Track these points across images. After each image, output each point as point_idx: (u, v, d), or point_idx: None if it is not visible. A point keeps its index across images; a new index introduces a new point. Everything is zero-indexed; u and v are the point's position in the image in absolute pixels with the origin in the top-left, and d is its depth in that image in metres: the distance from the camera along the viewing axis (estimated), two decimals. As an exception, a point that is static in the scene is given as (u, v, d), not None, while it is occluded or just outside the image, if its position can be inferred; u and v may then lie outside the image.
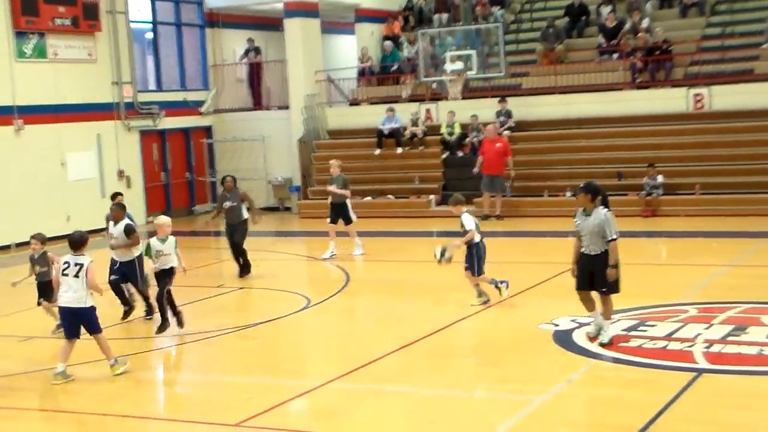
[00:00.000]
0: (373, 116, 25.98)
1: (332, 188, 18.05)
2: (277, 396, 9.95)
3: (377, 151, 25.44)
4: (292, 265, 19.06)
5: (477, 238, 13.05)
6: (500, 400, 9.68)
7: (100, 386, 10.72)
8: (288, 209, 26.67)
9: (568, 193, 21.29)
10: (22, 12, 22.50)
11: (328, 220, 18.17)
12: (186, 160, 27.78)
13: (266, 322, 13.47)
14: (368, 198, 24.71)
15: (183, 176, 27.53)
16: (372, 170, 25.47)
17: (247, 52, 28.74)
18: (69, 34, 23.82)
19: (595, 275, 10.94)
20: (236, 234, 16.65)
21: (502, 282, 13.46)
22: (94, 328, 10.77)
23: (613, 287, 10.94)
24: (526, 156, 23.91)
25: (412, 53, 27.41)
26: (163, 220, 12.84)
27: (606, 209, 10.83)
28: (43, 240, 12.89)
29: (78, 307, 10.61)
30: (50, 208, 22.81)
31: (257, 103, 28.73)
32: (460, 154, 24.08)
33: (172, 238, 12.70)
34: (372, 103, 27.09)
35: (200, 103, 27.95)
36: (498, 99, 24.56)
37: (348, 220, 18.05)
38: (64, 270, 10.70)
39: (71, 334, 10.78)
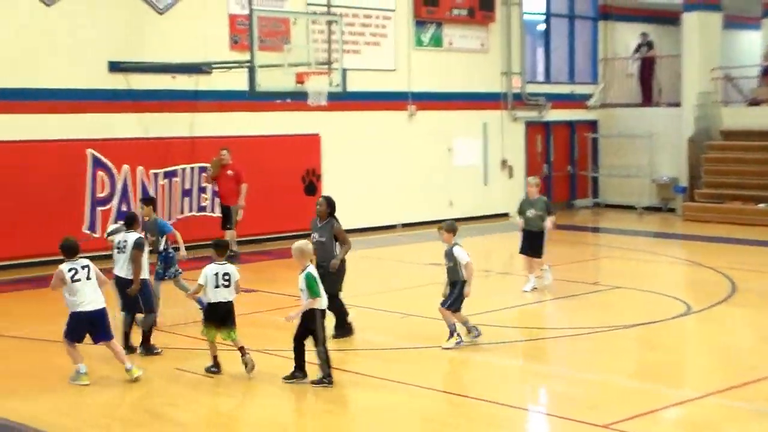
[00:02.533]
0: (773, 118, 24.15)
1: (532, 213, 14.85)
2: (649, 402, 9.43)
3: (775, 156, 23.63)
4: (671, 268, 18.18)
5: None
6: None
7: (471, 370, 10.80)
8: (671, 210, 25.57)
9: None
10: (423, 2, 23.47)
11: (519, 249, 15.18)
12: (569, 153, 27.54)
13: (642, 324, 12.88)
14: (762, 205, 23.04)
15: (565, 169, 27.33)
16: (768, 176, 23.73)
17: (639, 47, 27.89)
18: (464, 24, 24.47)
19: None
20: (327, 279, 10.98)
21: (475, 328, 11.62)
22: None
23: None
24: None
25: (826, 50, 25.14)
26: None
27: None
28: None
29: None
30: (434, 192, 23.63)
31: (646, 99, 27.81)
32: None
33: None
34: (774, 105, 25.18)
35: (587, 97, 27.56)
36: None
37: (539, 253, 14.92)
38: (73, 277, 10.05)
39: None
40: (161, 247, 12.81)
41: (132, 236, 11.31)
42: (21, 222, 17.31)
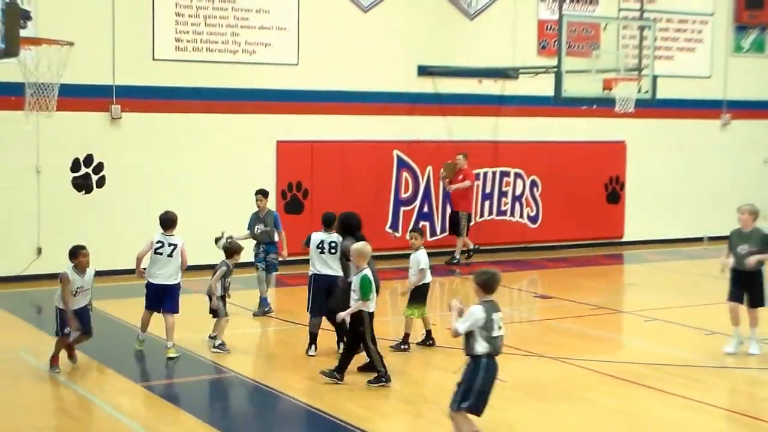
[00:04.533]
0: None
1: (744, 250, 11.54)
2: None
3: None
4: None
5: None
6: None
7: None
8: None
9: None
10: (746, 6, 22.24)
11: (728, 294, 11.76)
12: None
13: None
14: None
15: None
16: None
17: None
18: (791, 28, 22.97)
19: None
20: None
21: None
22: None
23: None
24: None
25: None
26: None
27: None
28: None
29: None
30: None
31: None
32: None
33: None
34: None
35: None
36: None
37: (757, 300, 11.56)
38: (157, 249, 11.08)
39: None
40: (276, 239, 13.41)
41: (336, 237, 11.15)
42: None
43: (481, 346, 7.67)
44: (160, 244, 11.10)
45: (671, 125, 21.50)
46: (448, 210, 18.82)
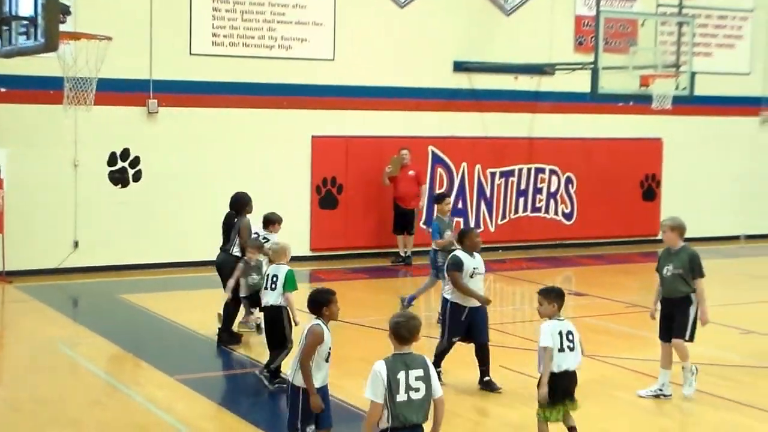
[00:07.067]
0: None
1: (668, 272, 9.77)
2: None
3: None
4: None
5: None
6: None
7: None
8: None
9: None
10: (785, 1, 22.02)
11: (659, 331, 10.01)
12: None
13: None
14: None
15: None
16: None
17: None
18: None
19: None
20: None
21: None
22: None
23: None
24: None
25: None
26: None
27: None
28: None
29: None
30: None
31: None
32: None
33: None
34: None
35: None
36: None
37: (682, 332, 9.73)
38: None
39: None
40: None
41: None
42: (361, 214, 18.14)
43: (383, 419, 5.90)
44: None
45: (709, 122, 21.28)
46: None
